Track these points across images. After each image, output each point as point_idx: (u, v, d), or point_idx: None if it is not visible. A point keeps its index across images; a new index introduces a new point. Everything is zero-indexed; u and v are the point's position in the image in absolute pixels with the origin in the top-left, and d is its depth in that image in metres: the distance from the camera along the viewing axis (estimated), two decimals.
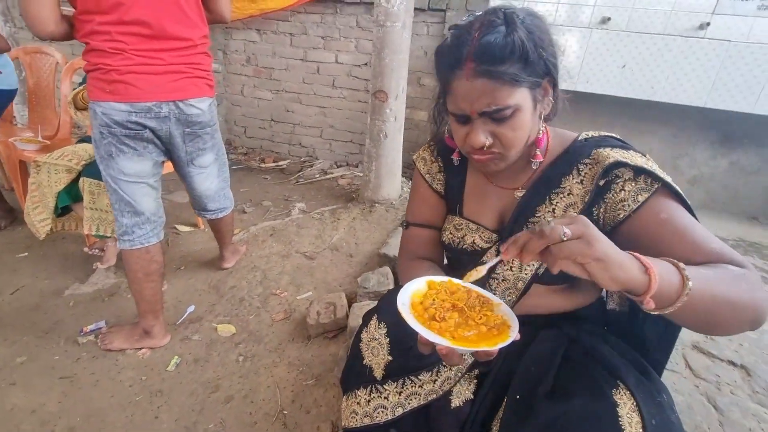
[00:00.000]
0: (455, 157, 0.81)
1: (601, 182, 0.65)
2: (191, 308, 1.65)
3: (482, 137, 0.63)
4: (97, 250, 1.93)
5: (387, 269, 1.69)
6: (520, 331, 0.56)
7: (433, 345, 0.55)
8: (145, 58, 1.18)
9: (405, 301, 0.63)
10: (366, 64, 3.14)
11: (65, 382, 1.30)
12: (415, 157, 0.89)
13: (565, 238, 0.46)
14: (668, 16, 2.35)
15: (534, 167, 0.72)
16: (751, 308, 0.51)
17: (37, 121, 2.43)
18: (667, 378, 0.79)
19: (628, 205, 0.63)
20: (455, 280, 0.68)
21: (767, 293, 0.52)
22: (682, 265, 0.50)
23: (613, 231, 0.65)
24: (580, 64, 2.40)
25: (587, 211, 0.67)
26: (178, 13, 1.21)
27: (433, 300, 0.63)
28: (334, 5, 3.04)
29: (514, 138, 0.63)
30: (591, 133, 0.72)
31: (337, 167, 3.43)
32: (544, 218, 0.54)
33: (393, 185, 2.52)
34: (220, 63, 3.48)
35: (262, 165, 3.48)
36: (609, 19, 2.42)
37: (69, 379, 1.31)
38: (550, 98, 0.67)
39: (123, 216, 1.31)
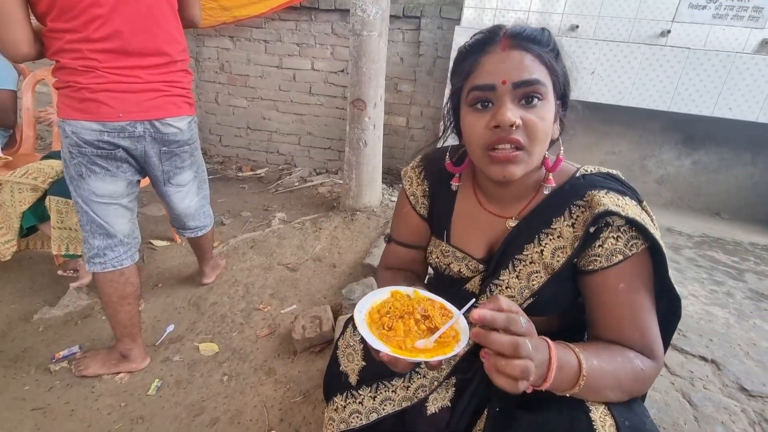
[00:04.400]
0: (455, 183, 0.77)
1: (592, 229, 0.63)
2: (171, 327, 1.60)
3: (511, 114, 0.58)
4: (71, 271, 1.84)
5: (372, 280, 1.69)
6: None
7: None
8: (119, 77, 1.14)
9: (362, 308, 0.64)
10: (342, 70, 3.14)
11: (38, 413, 1.23)
12: (402, 172, 0.86)
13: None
14: (632, 24, 2.46)
15: (545, 192, 0.69)
16: (627, 395, 0.60)
17: None
18: None
19: (600, 263, 0.63)
20: (421, 291, 0.69)
21: (647, 386, 0.62)
22: (584, 366, 0.55)
23: (580, 275, 0.67)
24: None
25: (575, 256, 0.66)
26: (154, 28, 1.17)
27: (389, 309, 0.64)
28: (308, 12, 3.03)
29: (541, 128, 0.60)
30: (590, 169, 0.70)
31: (317, 174, 3.41)
32: (518, 316, 0.50)
33: (374, 193, 2.53)
34: (192, 71, 3.41)
35: (240, 174, 3.41)
36: (577, 27, 2.52)
37: (42, 411, 1.24)
38: (558, 124, 0.67)
39: (94, 237, 1.26)
